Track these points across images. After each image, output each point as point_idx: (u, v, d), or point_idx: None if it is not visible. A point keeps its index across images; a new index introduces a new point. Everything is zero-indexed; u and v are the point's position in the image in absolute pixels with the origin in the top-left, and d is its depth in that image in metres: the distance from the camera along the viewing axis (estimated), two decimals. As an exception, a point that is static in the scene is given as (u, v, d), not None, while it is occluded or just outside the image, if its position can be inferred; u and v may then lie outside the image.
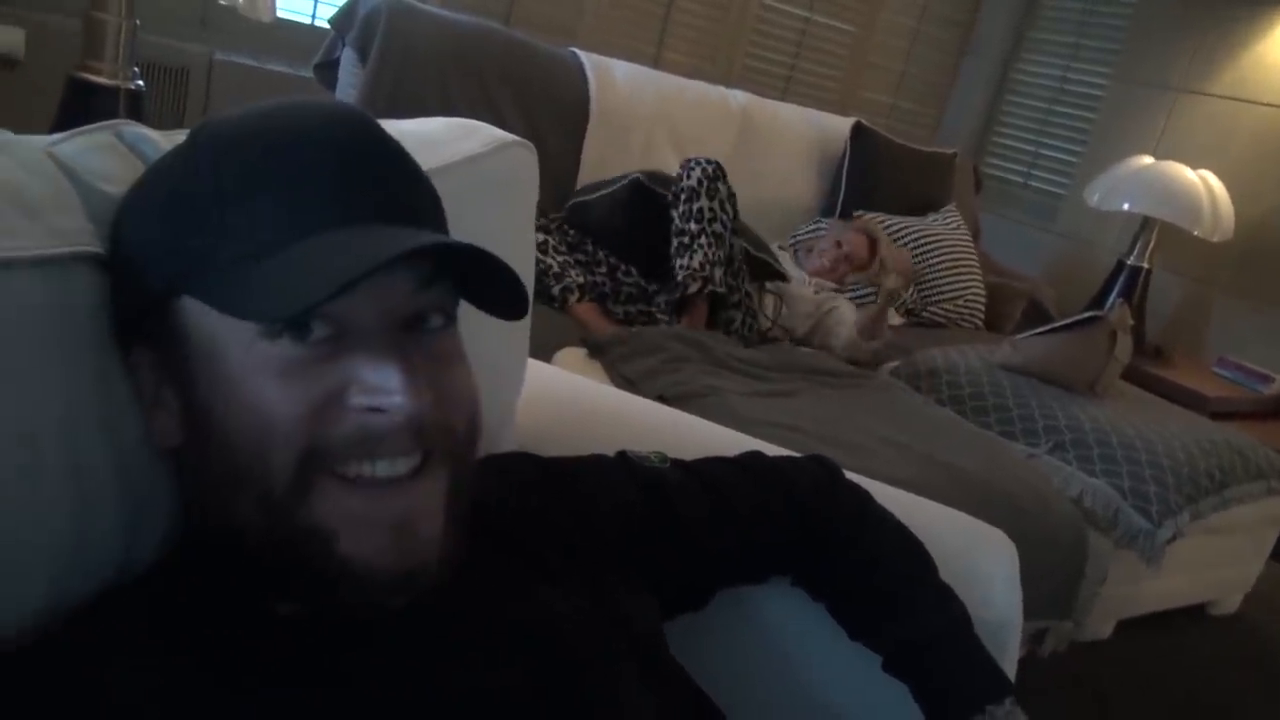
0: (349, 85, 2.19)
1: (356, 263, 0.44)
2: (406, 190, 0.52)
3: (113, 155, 0.57)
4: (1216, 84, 3.22)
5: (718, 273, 1.99)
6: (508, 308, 0.53)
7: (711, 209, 1.98)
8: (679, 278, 1.98)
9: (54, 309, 0.50)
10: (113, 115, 0.59)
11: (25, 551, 0.49)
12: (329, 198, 0.48)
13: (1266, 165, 3.06)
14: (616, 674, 0.60)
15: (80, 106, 1.80)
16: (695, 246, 1.97)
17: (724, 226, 2.01)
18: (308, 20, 2.74)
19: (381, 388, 0.46)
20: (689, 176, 2.01)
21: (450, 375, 0.51)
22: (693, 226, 1.98)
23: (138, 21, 1.85)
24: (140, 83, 1.89)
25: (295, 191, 0.48)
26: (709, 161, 2.01)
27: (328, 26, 2.27)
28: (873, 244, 2.51)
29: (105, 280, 0.53)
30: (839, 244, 2.48)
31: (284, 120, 0.50)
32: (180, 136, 0.54)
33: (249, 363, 0.47)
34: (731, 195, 2.05)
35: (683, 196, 2.00)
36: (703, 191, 1.98)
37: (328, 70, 2.27)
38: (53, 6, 2.25)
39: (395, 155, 0.53)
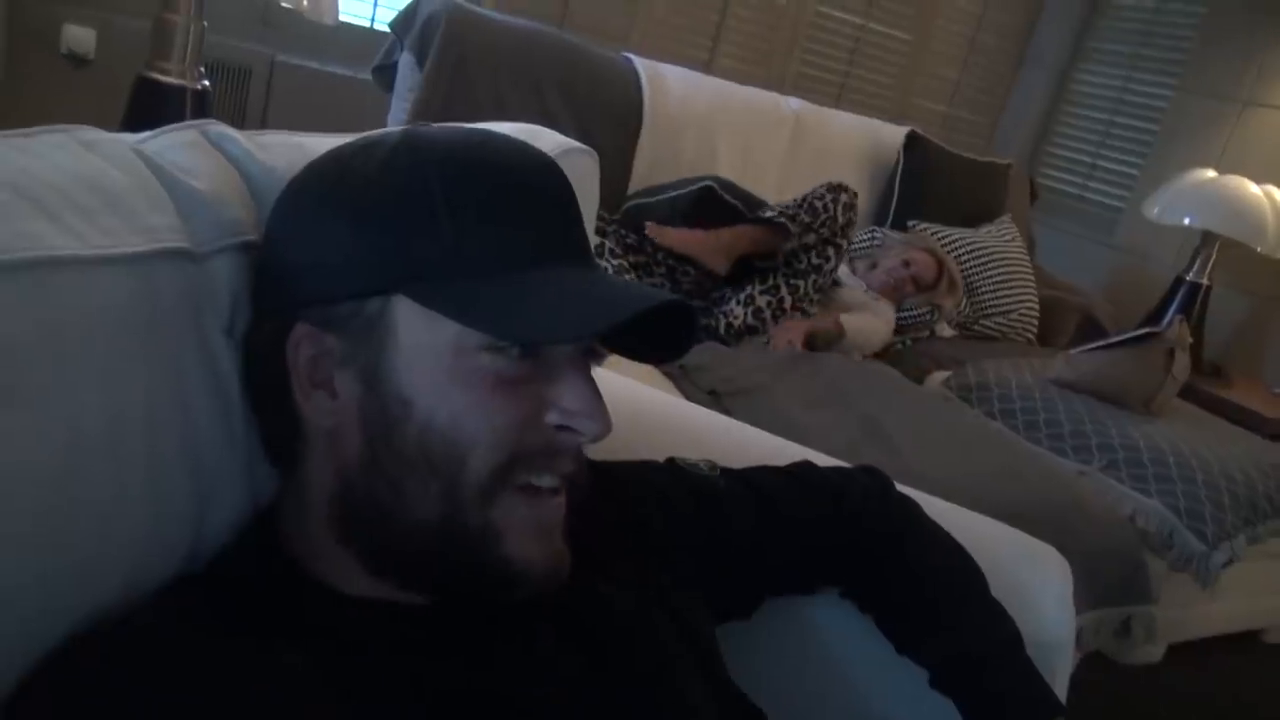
0: (406, 88, 2.22)
1: (629, 302, 0.50)
2: (586, 233, 0.58)
3: (199, 152, 0.59)
4: (1284, 97, 3.14)
5: (797, 239, 2.09)
6: (664, 352, 0.60)
7: (826, 205, 2.10)
8: (769, 210, 2.11)
9: (140, 303, 0.52)
10: (180, 114, 0.61)
11: (107, 538, 0.51)
12: (551, 232, 0.54)
13: (1334, 181, 2.98)
14: (677, 673, 0.61)
15: (149, 105, 1.85)
16: (796, 207, 2.11)
17: (825, 212, 2.10)
18: (367, 23, 2.79)
19: (582, 412, 0.53)
20: (825, 184, 2.15)
21: None
22: (799, 199, 2.13)
23: (205, 23, 1.90)
24: (206, 83, 1.93)
25: (526, 219, 0.53)
26: (853, 190, 2.17)
27: (386, 29, 2.31)
28: (940, 265, 2.48)
29: (191, 273, 0.55)
30: (906, 264, 2.44)
31: (505, 153, 0.55)
32: (262, 137, 0.56)
33: (465, 370, 0.51)
34: (849, 212, 2.14)
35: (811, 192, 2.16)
36: (827, 193, 2.12)
37: (386, 73, 2.30)
38: (122, 7, 2.32)
39: (578, 201, 0.58)
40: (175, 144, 0.59)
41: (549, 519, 0.55)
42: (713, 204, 2.16)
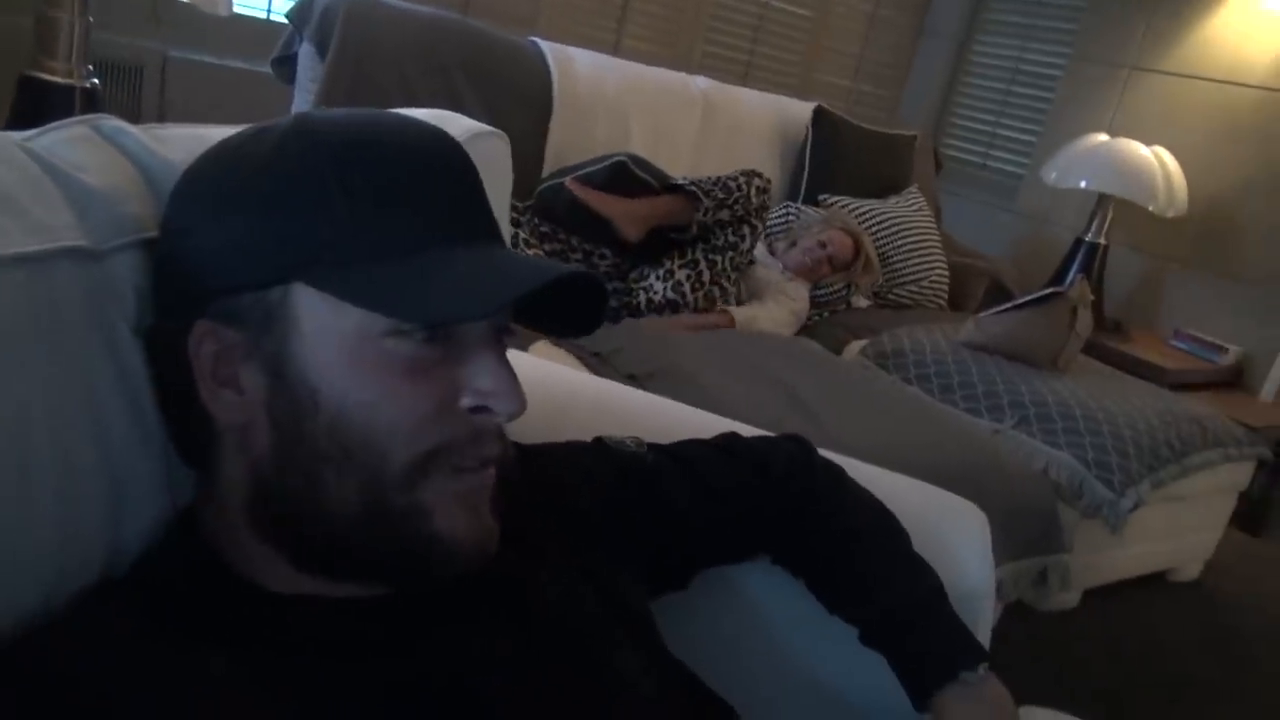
0: (308, 80, 2.16)
1: (531, 275, 0.50)
2: (489, 206, 0.57)
3: (91, 148, 0.57)
4: (1167, 60, 3.28)
5: (710, 214, 2.13)
6: (577, 328, 0.60)
7: (740, 185, 2.16)
8: (680, 179, 2.17)
9: (38, 304, 0.50)
10: (68, 114, 0.59)
11: (17, 547, 0.49)
12: (449, 210, 0.53)
13: (1217, 140, 3.13)
14: (612, 649, 0.61)
15: (35, 106, 1.77)
16: (710, 184, 2.15)
17: (738, 191, 2.16)
18: (263, 15, 2.71)
19: (497, 392, 0.52)
20: (740, 170, 2.22)
21: None
22: (714, 178, 2.17)
23: (90, 19, 1.83)
24: (95, 81, 1.86)
25: (421, 198, 0.52)
26: (766, 177, 2.24)
27: (284, 21, 2.25)
28: (856, 244, 2.53)
29: (93, 271, 0.53)
30: (823, 244, 2.48)
31: (400, 132, 0.54)
32: (159, 130, 0.54)
33: (376, 355, 0.50)
34: (762, 196, 2.21)
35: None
36: (740, 175, 2.18)
37: (285, 65, 2.24)
38: (1, 6, 2.20)
39: (477, 173, 0.57)
40: (66, 140, 0.57)
41: (476, 493, 0.54)
42: (626, 179, 2.17)
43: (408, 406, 0.50)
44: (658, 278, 2.14)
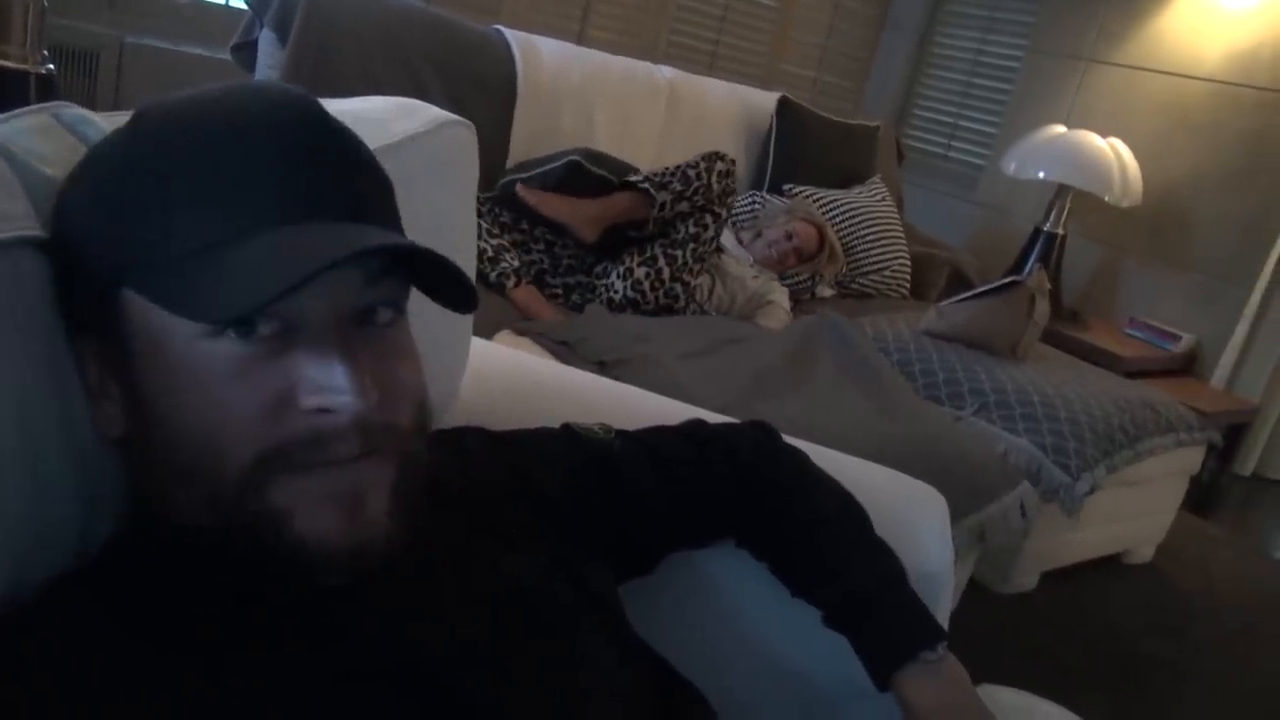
0: (268, 67, 2.14)
1: (299, 266, 0.44)
2: (353, 180, 0.52)
3: (51, 137, 0.56)
4: (1122, 54, 3.34)
5: (669, 207, 2.12)
6: (458, 301, 0.53)
7: (700, 172, 2.14)
8: (635, 177, 2.15)
9: (2, 294, 0.50)
10: (24, 101, 0.58)
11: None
12: (276, 194, 0.48)
13: (1171, 132, 3.19)
14: (582, 635, 0.62)
15: (-13, 92, 1.73)
16: (669, 175, 2.13)
17: (698, 180, 2.13)
18: (222, 0, 2.67)
19: (328, 386, 0.46)
20: (702, 154, 2.19)
21: (398, 370, 0.51)
22: (673, 167, 2.15)
23: (45, 3, 1.79)
24: (50, 66, 1.82)
25: (241, 187, 0.47)
26: (730, 159, 2.20)
27: (244, 6, 2.22)
28: (821, 236, 2.55)
29: (49, 266, 0.52)
30: (789, 235, 2.50)
31: (229, 109, 0.50)
32: (121, 118, 0.53)
33: (194, 360, 0.46)
34: (725, 180, 2.17)
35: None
36: (701, 161, 2.15)
37: (246, 51, 2.22)
38: (-50, -12, 2.15)
39: (342, 144, 0.52)
40: (26, 129, 0.56)
41: (350, 487, 0.48)
42: (581, 177, 2.17)
43: (232, 413, 0.46)
44: (618, 276, 2.13)
